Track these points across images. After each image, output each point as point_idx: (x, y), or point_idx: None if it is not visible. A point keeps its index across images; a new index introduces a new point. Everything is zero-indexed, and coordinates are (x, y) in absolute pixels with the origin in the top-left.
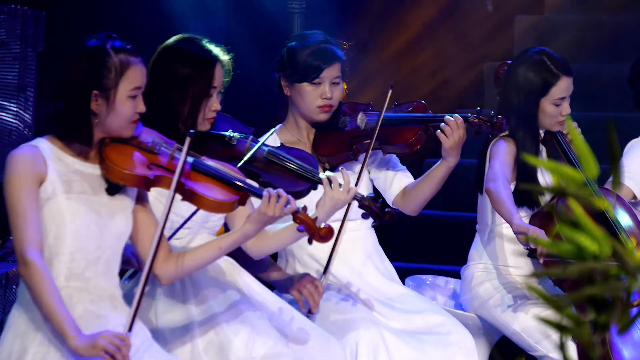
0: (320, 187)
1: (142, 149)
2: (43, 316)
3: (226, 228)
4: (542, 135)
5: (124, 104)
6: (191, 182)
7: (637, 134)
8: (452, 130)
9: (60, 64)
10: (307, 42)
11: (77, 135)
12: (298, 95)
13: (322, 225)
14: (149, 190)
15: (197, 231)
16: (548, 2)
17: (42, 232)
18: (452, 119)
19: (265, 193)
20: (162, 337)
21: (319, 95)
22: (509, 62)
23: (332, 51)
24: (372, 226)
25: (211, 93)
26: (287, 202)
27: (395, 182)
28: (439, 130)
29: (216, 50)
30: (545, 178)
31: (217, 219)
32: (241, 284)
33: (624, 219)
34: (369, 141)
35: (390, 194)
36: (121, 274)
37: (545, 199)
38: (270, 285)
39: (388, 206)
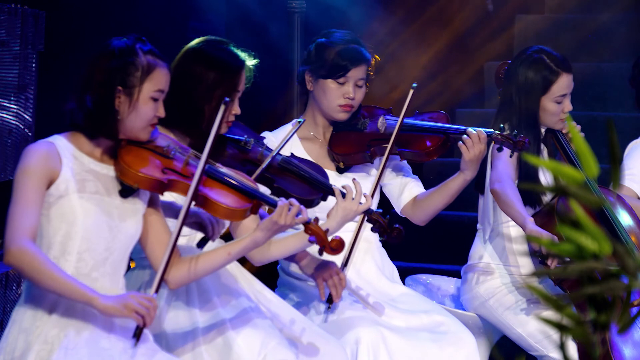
0: (329, 198)
1: (158, 153)
2: (55, 294)
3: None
4: (543, 134)
5: (145, 105)
6: (205, 189)
7: (638, 134)
8: (474, 144)
9: (86, 62)
10: (336, 39)
11: (104, 130)
12: (321, 91)
13: (333, 237)
14: (162, 194)
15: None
16: (548, 2)
17: (49, 232)
18: (474, 132)
19: (280, 203)
20: (165, 336)
21: (342, 94)
22: (509, 61)
23: (360, 52)
24: (380, 241)
25: (234, 97)
26: (299, 212)
27: (406, 190)
28: (460, 142)
29: (242, 55)
30: (546, 177)
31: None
32: (247, 288)
33: (624, 218)
34: (387, 145)
35: (401, 202)
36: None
37: (547, 198)
38: (272, 287)
39: (396, 221)
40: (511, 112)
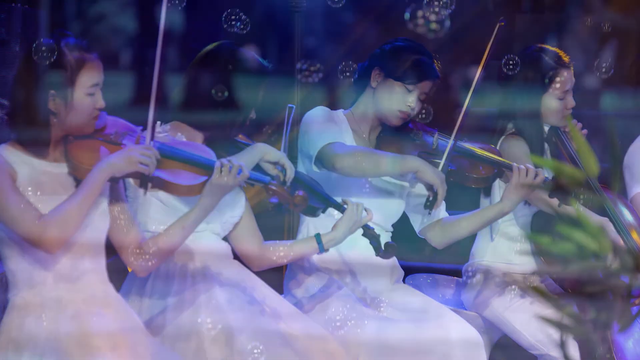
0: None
1: (106, 142)
2: (81, 205)
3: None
4: (546, 132)
5: (82, 102)
6: (159, 170)
7: (637, 134)
8: (527, 177)
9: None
10: (416, 48)
11: (35, 136)
12: (386, 91)
13: (296, 193)
14: (117, 182)
15: (213, 227)
16: (548, 2)
17: (19, 241)
18: (531, 167)
19: (216, 164)
20: (168, 334)
21: (405, 101)
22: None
23: (434, 69)
24: (376, 256)
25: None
26: (240, 170)
27: (433, 212)
28: (518, 167)
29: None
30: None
31: (233, 217)
32: (251, 287)
33: (625, 217)
34: (439, 161)
35: (424, 222)
36: (120, 270)
37: None
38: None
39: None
40: (514, 112)
